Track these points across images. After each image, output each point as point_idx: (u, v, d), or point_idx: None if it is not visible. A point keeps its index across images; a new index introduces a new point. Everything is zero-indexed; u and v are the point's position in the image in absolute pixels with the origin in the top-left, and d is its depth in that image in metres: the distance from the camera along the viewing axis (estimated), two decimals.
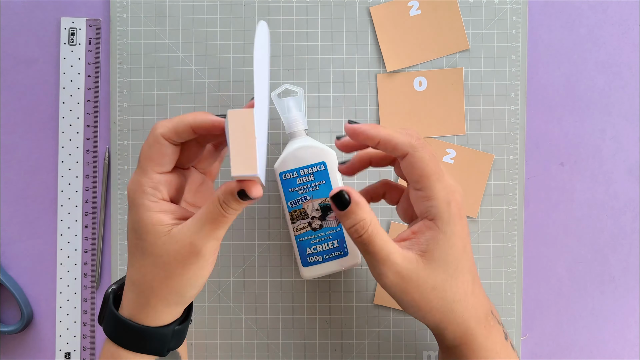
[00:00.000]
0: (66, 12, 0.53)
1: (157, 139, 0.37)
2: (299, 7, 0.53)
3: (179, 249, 0.37)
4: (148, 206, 0.37)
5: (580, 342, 0.55)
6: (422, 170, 0.38)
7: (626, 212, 0.54)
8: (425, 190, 0.38)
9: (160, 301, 0.38)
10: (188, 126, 0.37)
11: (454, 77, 0.53)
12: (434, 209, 0.38)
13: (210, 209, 0.37)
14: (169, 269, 0.37)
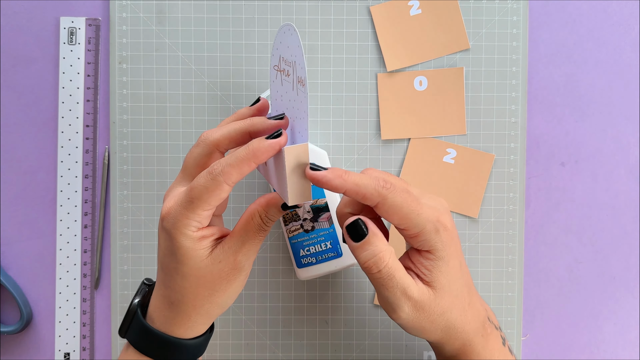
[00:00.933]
0: (65, 12, 0.53)
1: (218, 182, 0.35)
2: (299, 6, 0.53)
3: (223, 268, 0.37)
4: (189, 235, 0.36)
5: (581, 342, 0.55)
6: (400, 213, 0.36)
7: (627, 212, 0.54)
8: (411, 229, 0.37)
9: (202, 316, 0.39)
10: (246, 134, 0.38)
11: (455, 76, 0.53)
12: (426, 242, 0.37)
13: (250, 225, 0.37)
14: (213, 287, 0.38)
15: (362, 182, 0.36)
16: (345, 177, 0.36)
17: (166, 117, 0.53)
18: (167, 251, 0.37)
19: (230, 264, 0.37)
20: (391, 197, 0.36)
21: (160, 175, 0.53)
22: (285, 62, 0.37)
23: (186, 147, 0.53)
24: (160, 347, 0.39)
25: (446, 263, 0.38)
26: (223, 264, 0.37)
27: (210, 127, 0.53)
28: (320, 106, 0.53)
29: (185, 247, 0.36)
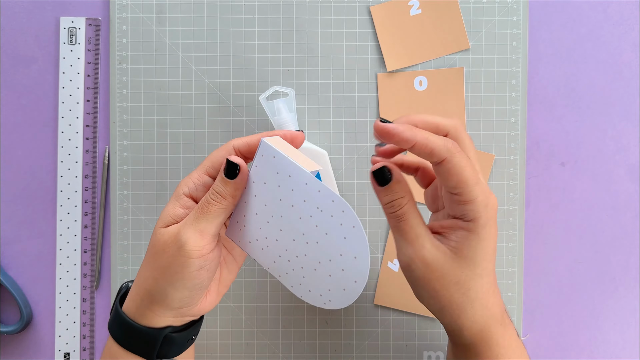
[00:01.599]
0: (65, 12, 0.53)
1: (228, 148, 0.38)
2: (299, 6, 0.53)
3: (167, 239, 0.37)
4: (177, 197, 0.39)
5: (581, 342, 0.55)
6: (460, 175, 0.36)
7: (626, 212, 0.54)
8: (464, 195, 0.37)
9: (148, 297, 0.38)
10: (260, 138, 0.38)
11: (455, 76, 0.53)
12: (472, 212, 0.37)
13: (200, 200, 0.37)
14: (158, 259, 0.37)
15: (432, 137, 0.36)
16: (416, 130, 0.36)
17: (166, 117, 0.53)
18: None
19: (173, 237, 0.37)
20: (458, 157, 0.36)
21: (160, 175, 0.53)
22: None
23: (186, 147, 0.53)
24: (119, 326, 0.39)
25: (480, 240, 0.37)
26: (167, 236, 0.37)
27: (210, 127, 0.53)
28: (320, 106, 0.53)
29: (164, 211, 0.38)
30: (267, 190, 0.37)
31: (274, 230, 0.37)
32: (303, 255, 0.37)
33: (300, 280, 0.37)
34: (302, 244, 0.36)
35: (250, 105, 0.53)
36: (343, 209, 0.35)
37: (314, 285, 0.37)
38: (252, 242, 0.38)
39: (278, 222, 0.37)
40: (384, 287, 0.53)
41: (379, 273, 0.53)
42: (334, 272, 0.36)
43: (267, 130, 0.53)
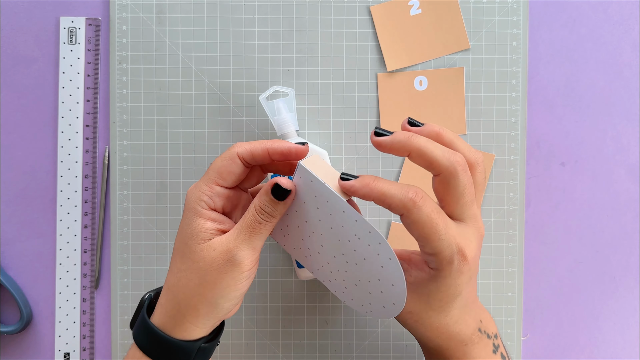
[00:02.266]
0: (65, 12, 0.53)
1: (232, 156, 0.38)
2: (299, 6, 0.53)
3: (215, 257, 0.37)
4: (199, 212, 0.38)
5: (581, 342, 0.55)
6: (419, 231, 0.36)
7: (627, 212, 0.54)
8: (425, 248, 0.37)
9: (191, 310, 0.38)
10: (265, 150, 0.38)
11: (455, 76, 0.53)
12: (433, 263, 0.37)
13: (246, 217, 0.37)
14: (203, 275, 0.37)
15: (389, 192, 0.35)
16: (373, 185, 0.36)
17: (166, 117, 0.53)
18: (179, 231, 0.39)
19: (223, 254, 0.37)
20: (416, 213, 0.35)
21: (160, 175, 0.53)
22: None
23: (186, 147, 0.53)
24: (151, 341, 0.38)
25: (439, 286, 0.37)
26: (216, 253, 0.37)
27: (210, 127, 0.53)
28: (320, 106, 0.53)
29: (191, 225, 0.38)
30: (306, 209, 0.37)
31: (315, 245, 0.38)
32: (344, 272, 0.38)
33: (343, 289, 0.39)
34: (343, 262, 0.38)
35: (250, 105, 0.53)
36: (379, 241, 0.35)
37: (356, 296, 0.39)
38: (295, 249, 0.40)
39: (319, 238, 0.38)
40: None
41: None
42: (374, 292, 0.37)
43: (266, 129, 0.53)
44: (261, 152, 0.38)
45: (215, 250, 0.37)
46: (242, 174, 0.38)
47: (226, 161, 0.38)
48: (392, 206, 0.36)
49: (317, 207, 0.37)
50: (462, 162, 0.37)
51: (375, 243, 0.35)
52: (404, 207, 0.35)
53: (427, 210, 0.35)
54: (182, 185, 0.53)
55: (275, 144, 0.38)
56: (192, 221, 0.38)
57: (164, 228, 0.53)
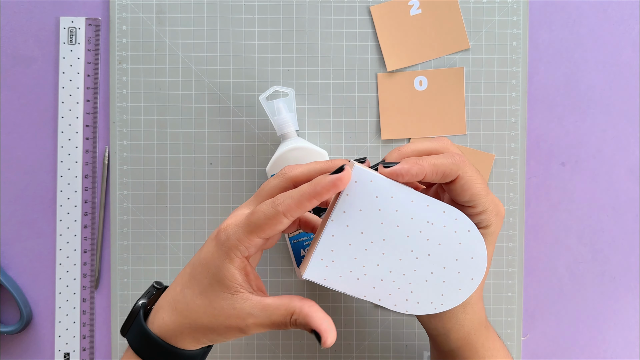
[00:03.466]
0: (65, 12, 0.53)
1: (278, 217, 0.35)
2: (299, 6, 0.53)
3: (231, 317, 0.36)
4: (231, 258, 0.36)
5: (581, 342, 0.54)
6: (473, 189, 0.37)
7: (627, 212, 0.54)
8: (478, 207, 0.37)
9: (193, 338, 0.38)
10: (308, 202, 0.35)
11: (455, 76, 0.53)
12: (485, 221, 0.38)
13: (279, 314, 0.36)
14: (215, 323, 0.37)
15: (438, 161, 0.36)
16: (421, 162, 0.36)
17: (166, 117, 0.53)
18: (206, 261, 0.37)
19: (239, 322, 0.36)
20: (468, 172, 0.36)
21: (160, 175, 0.53)
22: None
23: (186, 147, 0.53)
24: (154, 350, 0.38)
25: (493, 243, 0.39)
26: (234, 314, 0.36)
27: (210, 127, 0.53)
28: (320, 106, 0.53)
29: (221, 269, 0.36)
30: (363, 217, 0.36)
31: (374, 256, 0.36)
32: (412, 271, 0.37)
33: (407, 296, 0.37)
34: (412, 260, 0.37)
35: (250, 105, 0.53)
36: (456, 216, 0.36)
37: (424, 296, 0.37)
38: (343, 276, 0.37)
39: (380, 246, 0.36)
40: None
41: None
42: (449, 278, 0.37)
43: (266, 129, 0.53)
44: (306, 206, 0.35)
45: (234, 310, 0.36)
46: (286, 226, 0.36)
47: (271, 220, 0.35)
48: (447, 172, 0.36)
49: (379, 209, 0.36)
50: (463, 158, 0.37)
51: (452, 220, 0.36)
52: (458, 169, 0.36)
53: (471, 168, 0.37)
54: (182, 186, 0.53)
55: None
56: (222, 264, 0.36)
57: (164, 228, 0.53)
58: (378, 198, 0.36)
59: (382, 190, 0.35)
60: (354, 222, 0.36)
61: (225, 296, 0.37)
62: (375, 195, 0.35)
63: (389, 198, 0.36)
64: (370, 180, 0.35)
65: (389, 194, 0.35)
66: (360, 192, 0.35)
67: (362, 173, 0.35)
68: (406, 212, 0.36)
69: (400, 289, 0.37)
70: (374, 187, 0.35)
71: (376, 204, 0.36)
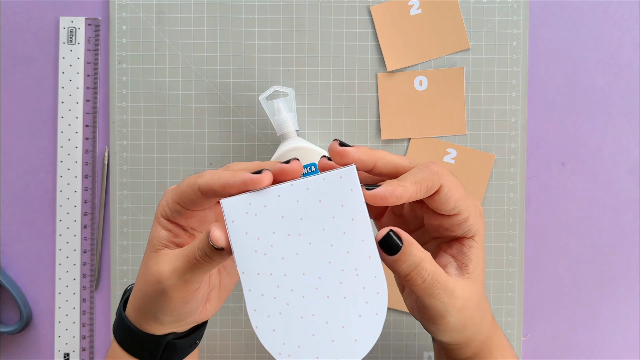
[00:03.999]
0: (65, 12, 0.53)
1: (192, 184, 0.34)
2: (299, 6, 0.53)
3: (153, 272, 0.36)
4: (157, 218, 0.37)
5: (581, 342, 0.54)
6: (456, 196, 0.35)
7: (627, 212, 0.54)
8: (462, 212, 0.35)
9: (140, 311, 0.38)
10: (222, 187, 0.33)
11: (455, 76, 0.53)
12: (472, 227, 0.36)
13: (190, 247, 0.34)
14: (145, 285, 0.37)
15: (419, 177, 0.34)
16: (403, 182, 0.33)
17: (166, 117, 0.53)
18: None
19: (156, 275, 0.35)
20: (448, 179, 0.35)
21: (160, 175, 0.53)
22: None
23: (186, 147, 0.53)
24: (122, 330, 0.39)
25: (481, 249, 0.37)
26: (156, 269, 0.36)
27: (209, 127, 0.53)
28: (320, 106, 0.53)
29: (150, 233, 0.37)
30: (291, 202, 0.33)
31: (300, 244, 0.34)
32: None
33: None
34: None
35: (250, 105, 0.53)
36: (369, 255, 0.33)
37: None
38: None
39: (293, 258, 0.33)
40: None
41: None
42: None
43: (266, 129, 0.53)
44: (219, 189, 0.33)
45: (157, 264, 0.36)
46: (204, 202, 0.35)
47: (188, 189, 0.35)
48: (429, 187, 0.34)
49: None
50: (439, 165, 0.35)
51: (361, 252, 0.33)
52: (439, 179, 0.34)
53: (449, 176, 0.35)
54: None
55: (232, 179, 0.33)
56: (153, 225, 0.37)
57: None
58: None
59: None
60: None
61: (152, 255, 0.36)
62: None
63: (340, 206, 0.33)
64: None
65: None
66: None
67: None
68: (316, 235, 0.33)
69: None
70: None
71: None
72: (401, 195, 0.33)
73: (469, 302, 0.36)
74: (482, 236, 0.38)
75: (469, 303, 0.36)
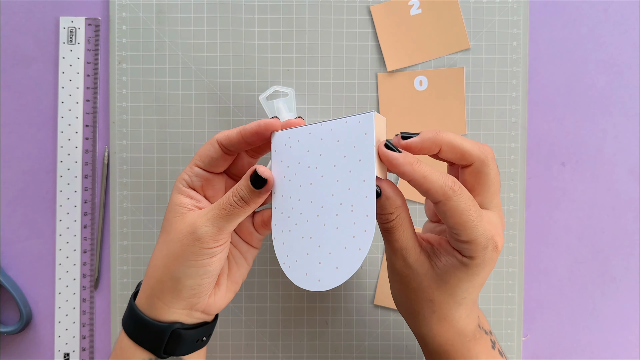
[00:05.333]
0: (65, 12, 0.53)
1: (212, 141, 0.39)
2: (299, 6, 0.53)
3: (183, 228, 0.38)
4: (179, 188, 0.40)
5: (581, 342, 0.54)
6: (458, 218, 0.35)
7: (627, 212, 0.54)
8: (462, 236, 0.36)
9: (157, 284, 0.39)
10: (238, 133, 0.39)
11: (455, 76, 0.53)
12: (469, 251, 0.36)
13: (223, 197, 0.38)
14: (169, 246, 0.38)
15: (430, 177, 0.35)
16: (416, 166, 0.35)
17: (166, 117, 0.53)
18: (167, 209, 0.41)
19: (189, 227, 0.38)
20: (455, 200, 0.35)
21: (160, 175, 0.53)
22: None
23: (186, 147, 0.53)
24: (130, 318, 0.40)
25: (470, 276, 0.37)
26: (184, 225, 0.38)
27: (209, 127, 0.53)
28: (320, 106, 0.53)
29: (171, 200, 0.40)
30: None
31: (307, 175, 0.38)
32: (320, 207, 0.37)
33: (309, 235, 0.37)
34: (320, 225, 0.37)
35: (250, 105, 0.53)
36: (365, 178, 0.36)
37: (320, 244, 0.37)
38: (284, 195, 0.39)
39: (314, 166, 0.38)
40: (384, 288, 0.53)
41: (379, 273, 0.53)
42: (343, 231, 0.36)
43: None
44: (235, 136, 0.39)
45: (184, 222, 0.38)
46: (222, 159, 0.40)
47: (206, 145, 0.40)
48: (431, 191, 0.35)
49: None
50: (491, 150, 0.38)
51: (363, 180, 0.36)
52: (443, 194, 0.35)
53: (465, 198, 0.35)
54: None
55: (248, 125, 0.39)
56: (172, 197, 0.40)
57: None
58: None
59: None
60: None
61: (177, 219, 0.39)
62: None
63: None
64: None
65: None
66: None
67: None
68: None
69: (310, 222, 0.37)
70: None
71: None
72: (404, 172, 0.35)
73: (416, 281, 0.38)
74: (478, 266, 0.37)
75: (415, 281, 0.38)
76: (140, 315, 0.39)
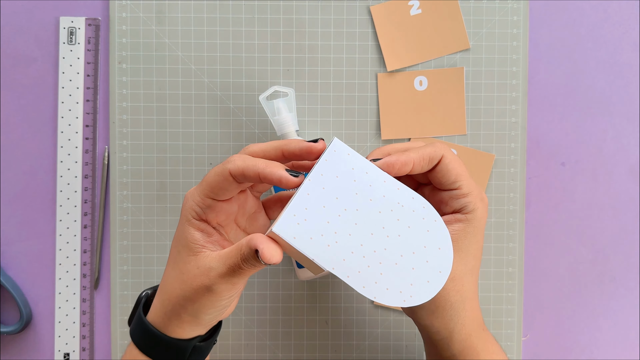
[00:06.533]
0: (65, 12, 0.53)
1: (224, 173, 0.36)
2: (299, 6, 0.53)
3: (196, 276, 0.37)
4: (190, 221, 0.38)
5: (581, 342, 0.54)
6: (458, 169, 0.38)
7: (627, 212, 0.54)
8: (463, 187, 0.38)
9: (176, 316, 0.38)
10: (256, 174, 0.36)
11: (455, 76, 0.53)
12: (470, 204, 0.38)
13: (232, 255, 0.36)
14: (185, 288, 0.37)
15: (422, 150, 0.38)
16: (407, 152, 0.37)
17: (166, 117, 0.53)
18: (175, 236, 0.39)
19: (201, 278, 0.36)
20: (450, 154, 0.38)
21: (160, 175, 0.53)
22: None
23: (186, 147, 0.53)
24: (148, 338, 0.39)
25: (475, 232, 0.39)
26: (198, 272, 0.37)
27: (209, 127, 0.53)
28: (320, 106, 0.53)
29: (183, 234, 0.38)
30: (339, 184, 0.36)
31: (346, 225, 0.36)
32: (382, 250, 0.36)
33: (376, 279, 0.36)
34: (382, 238, 0.36)
35: (250, 105, 0.53)
36: (423, 205, 0.36)
37: (394, 281, 0.36)
38: (313, 238, 0.35)
39: (353, 215, 0.36)
40: None
41: None
42: (418, 265, 0.36)
43: (266, 129, 0.53)
44: (253, 175, 0.36)
45: (198, 269, 0.37)
46: (235, 189, 0.37)
47: (218, 177, 0.36)
48: (432, 156, 0.38)
49: (354, 180, 0.36)
50: (442, 143, 0.40)
51: (420, 207, 0.36)
52: (441, 151, 0.38)
53: (451, 154, 0.38)
54: (182, 186, 0.53)
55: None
56: (183, 229, 0.38)
57: (164, 228, 0.53)
58: (354, 170, 0.36)
59: (359, 164, 0.37)
60: (330, 186, 0.36)
61: (190, 259, 0.37)
62: (351, 167, 0.36)
63: (364, 173, 0.37)
64: (347, 154, 0.37)
65: (364, 169, 0.37)
66: (338, 161, 0.37)
67: (341, 145, 0.37)
68: (379, 189, 0.36)
69: (370, 268, 0.36)
70: (351, 159, 0.37)
71: (352, 175, 0.36)
72: (405, 162, 0.37)
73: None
74: (481, 220, 0.39)
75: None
76: (158, 334, 0.39)
